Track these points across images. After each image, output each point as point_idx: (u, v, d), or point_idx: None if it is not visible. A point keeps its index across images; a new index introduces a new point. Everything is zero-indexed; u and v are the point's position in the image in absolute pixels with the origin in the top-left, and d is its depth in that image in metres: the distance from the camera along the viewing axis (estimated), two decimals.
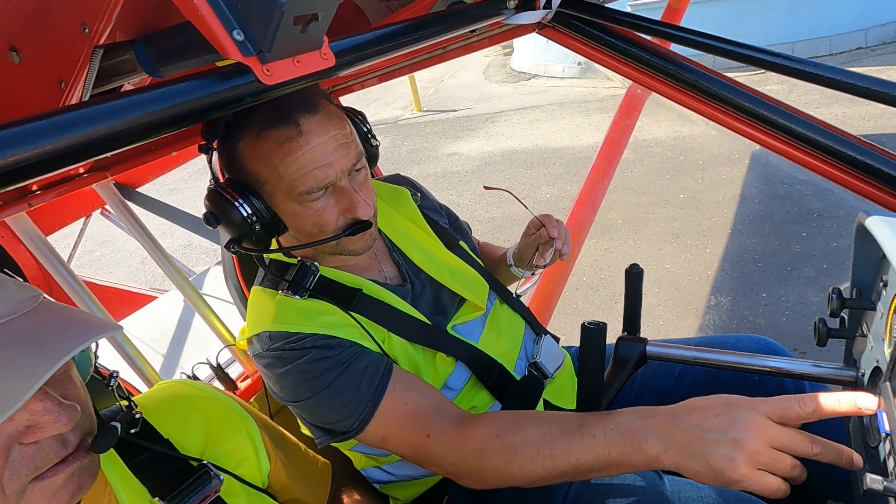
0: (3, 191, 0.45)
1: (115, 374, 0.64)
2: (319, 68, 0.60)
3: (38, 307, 0.52)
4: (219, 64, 0.56)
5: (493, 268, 1.19)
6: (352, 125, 0.88)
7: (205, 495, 0.65)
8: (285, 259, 0.94)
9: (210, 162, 0.88)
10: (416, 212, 1.09)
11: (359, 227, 0.85)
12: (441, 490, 1.02)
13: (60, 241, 2.11)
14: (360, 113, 0.97)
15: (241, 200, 0.82)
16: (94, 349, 0.61)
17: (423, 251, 1.04)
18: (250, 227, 0.83)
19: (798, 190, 3.70)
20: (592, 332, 0.75)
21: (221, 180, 0.86)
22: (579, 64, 7.86)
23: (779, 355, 0.93)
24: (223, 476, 0.67)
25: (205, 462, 0.67)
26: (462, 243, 1.12)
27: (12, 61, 0.62)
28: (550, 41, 1.13)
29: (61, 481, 0.52)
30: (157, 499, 0.63)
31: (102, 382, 0.63)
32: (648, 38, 1.02)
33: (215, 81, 0.55)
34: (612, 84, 7.22)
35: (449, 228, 1.14)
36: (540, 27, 1.11)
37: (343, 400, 0.83)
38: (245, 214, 0.82)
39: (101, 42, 0.57)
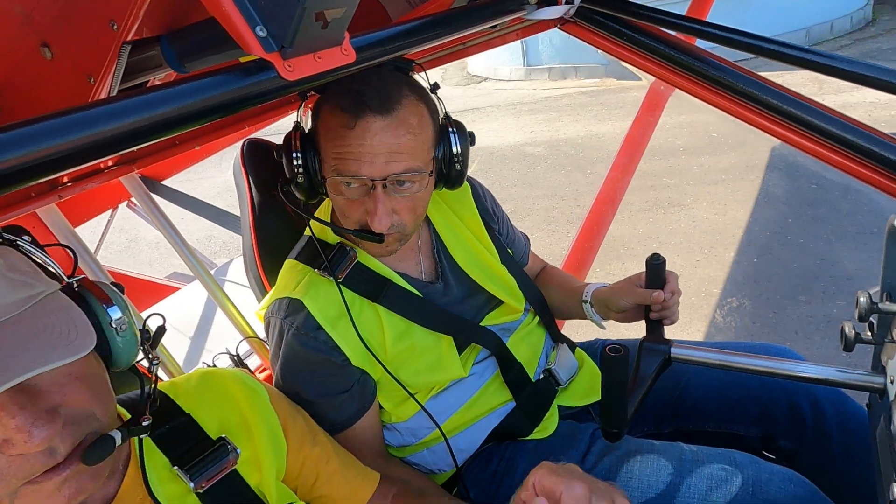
0: (35, 182, 0.46)
1: (154, 360, 0.65)
2: (340, 64, 0.60)
3: (18, 315, 0.50)
4: (242, 60, 0.57)
5: (557, 296, 1.17)
6: (432, 140, 0.88)
7: (222, 467, 0.67)
8: (328, 238, 0.97)
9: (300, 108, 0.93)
10: (473, 214, 1.08)
11: (369, 234, 0.86)
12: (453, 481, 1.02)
13: (87, 232, 2.16)
14: (460, 127, 0.93)
15: (300, 153, 0.87)
16: (137, 331, 0.60)
17: (469, 253, 1.04)
18: (302, 178, 0.88)
19: (826, 190, 3.59)
20: (613, 360, 0.71)
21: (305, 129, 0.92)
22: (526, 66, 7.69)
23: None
24: (240, 450, 0.69)
25: (223, 437, 0.69)
26: (510, 251, 1.13)
27: (45, 57, 0.64)
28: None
29: (54, 486, 0.51)
30: (176, 468, 0.65)
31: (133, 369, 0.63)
32: (673, 33, 1.00)
33: (238, 77, 0.56)
34: (552, 85, 7.22)
35: (502, 236, 1.14)
36: (562, 23, 1.09)
37: (321, 414, 0.89)
38: (298, 164, 0.87)
39: (129, 38, 0.58)
